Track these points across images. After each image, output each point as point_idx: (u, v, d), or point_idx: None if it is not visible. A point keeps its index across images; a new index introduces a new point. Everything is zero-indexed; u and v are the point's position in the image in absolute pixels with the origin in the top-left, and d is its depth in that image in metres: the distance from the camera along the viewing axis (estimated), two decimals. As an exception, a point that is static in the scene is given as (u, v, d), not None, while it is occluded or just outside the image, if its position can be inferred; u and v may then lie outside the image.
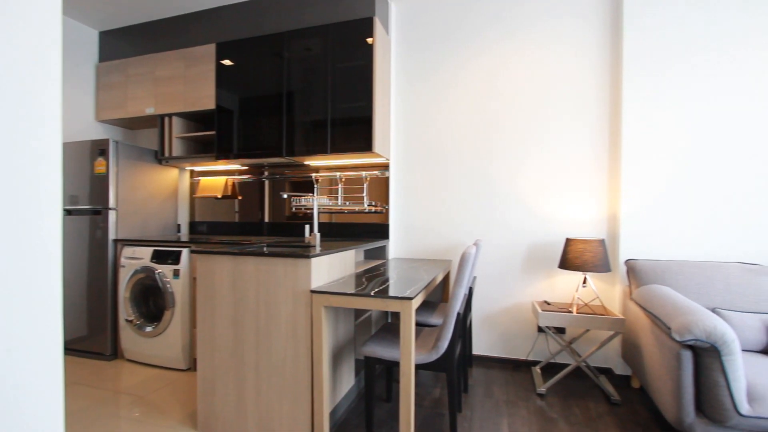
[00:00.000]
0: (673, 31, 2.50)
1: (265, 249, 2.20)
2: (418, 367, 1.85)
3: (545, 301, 2.73)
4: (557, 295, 2.79)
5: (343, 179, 3.12)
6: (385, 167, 3.03)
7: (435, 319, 2.43)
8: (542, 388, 2.44)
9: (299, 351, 1.84)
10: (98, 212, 2.96)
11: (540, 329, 2.80)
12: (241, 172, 3.46)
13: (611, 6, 2.67)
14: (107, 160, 2.93)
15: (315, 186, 3.20)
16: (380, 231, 3.03)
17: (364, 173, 3.06)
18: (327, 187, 3.17)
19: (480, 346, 2.96)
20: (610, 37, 2.68)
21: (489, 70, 2.91)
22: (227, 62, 3.01)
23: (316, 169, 3.20)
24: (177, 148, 3.28)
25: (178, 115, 3.26)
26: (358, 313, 2.43)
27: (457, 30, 2.98)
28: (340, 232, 3.13)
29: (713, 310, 2.13)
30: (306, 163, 3.15)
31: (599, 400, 2.36)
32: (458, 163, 2.98)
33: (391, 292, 1.72)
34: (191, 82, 3.15)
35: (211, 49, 3.08)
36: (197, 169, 3.60)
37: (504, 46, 2.88)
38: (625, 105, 2.57)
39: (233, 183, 3.48)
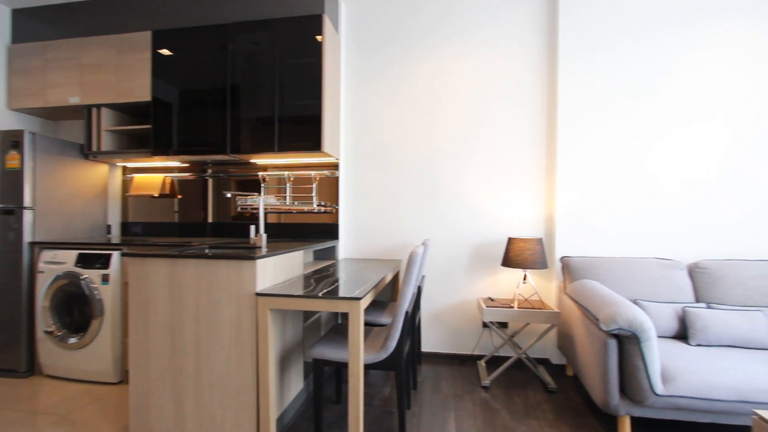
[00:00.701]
0: (604, 44, 2.72)
1: (206, 251, 2.08)
2: (368, 366, 1.85)
3: (489, 298, 2.86)
4: (500, 292, 2.93)
5: (292, 178, 3.05)
6: (335, 167, 3.00)
7: (385, 319, 2.44)
8: (486, 381, 2.55)
9: (244, 356, 1.77)
10: (10, 212, 2.64)
11: (485, 325, 2.93)
12: (181, 170, 3.26)
13: (548, 14, 2.85)
14: (21, 153, 2.62)
15: (262, 185, 3.09)
16: (330, 231, 3.00)
17: (313, 173, 3.01)
18: (275, 187, 3.08)
19: (429, 343, 3.03)
20: (547, 46, 2.86)
21: (434, 72, 2.99)
22: (165, 52, 2.82)
23: (264, 168, 3.10)
24: (107, 143, 3.01)
25: (108, 106, 3.00)
26: (307, 315, 2.38)
27: (405, 33, 3.03)
28: (288, 233, 3.05)
29: (634, 302, 2.35)
30: (252, 161, 3.04)
31: (538, 389, 2.51)
32: (407, 164, 3.03)
33: (340, 293, 1.71)
34: (124, 71, 2.91)
35: (146, 36, 2.87)
36: (131, 165, 3.33)
37: (448, 50, 2.97)
38: (559, 112, 2.75)
39: (172, 181, 3.27)
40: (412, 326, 2.37)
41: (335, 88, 2.88)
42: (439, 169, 2.99)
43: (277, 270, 1.96)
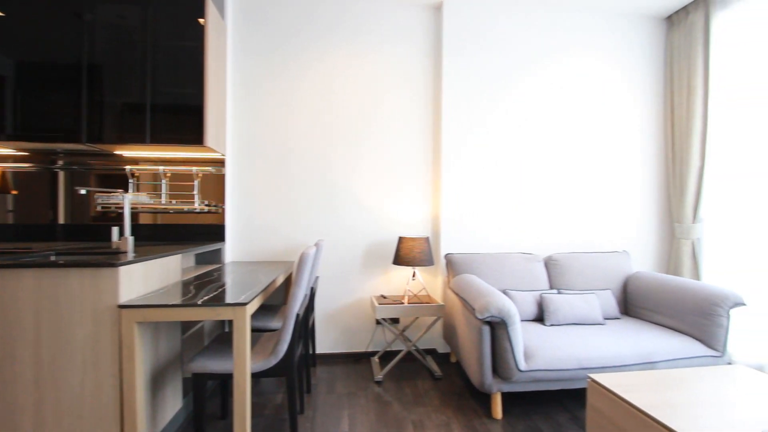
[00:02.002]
0: (480, 60, 3.03)
1: (52, 258, 1.73)
2: (257, 375, 1.75)
3: (382, 295, 2.96)
4: (392, 289, 3.05)
5: (169, 174, 2.72)
6: (221, 163, 2.77)
7: (275, 323, 2.35)
8: (379, 376, 2.63)
9: (103, 381, 1.51)
10: None
11: (378, 322, 3.02)
12: (17, 159, 2.65)
13: (434, 21, 3.07)
14: None
15: (130, 181, 2.69)
16: (215, 233, 2.76)
17: (195, 169, 2.74)
18: (149, 183, 2.71)
19: (324, 345, 3.01)
20: (434, 49, 3.08)
21: (329, 71, 2.98)
22: (-8, 12, 2.26)
23: (134, 162, 2.70)
24: None
25: None
26: (187, 325, 2.15)
27: (300, 30, 2.95)
28: (166, 235, 2.72)
29: (504, 291, 2.68)
30: (119, 153, 2.63)
31: (426, 378, 2.68)
32: (301, 163, 2.96)
33: (224, 299, 1.58)
34: (-74, 30, 2.25)
35: (-37, -11, 2.26)
36: (-61, 151, 2.59)
37: (344, 49, 2.99)
38: (444, 117, 2.99)
39: (3, 173, 2.64)
40: (305, 329, 2.32)
41: (220, 79, 2.66)
42: (335, 169, 2.99)
43: (148, 277, 1.73)
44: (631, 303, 2.77)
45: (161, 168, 2.71)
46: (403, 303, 2.68)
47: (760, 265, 2.57)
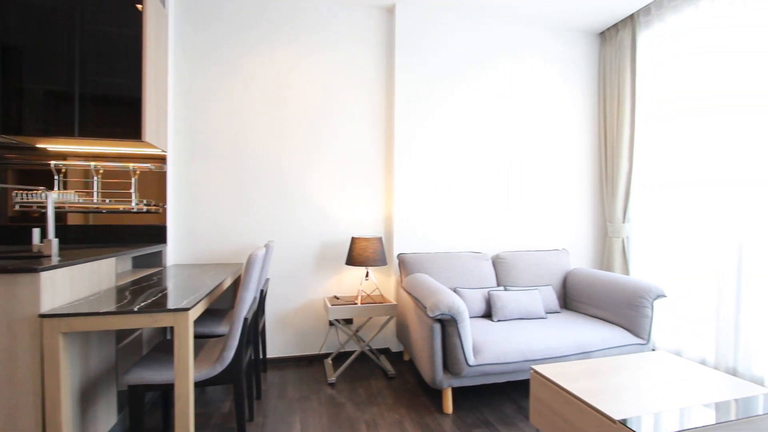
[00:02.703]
0: (430, 61, 3.10)
1: (-43, 264, 1.53)
2: (202, 383, 1.66)
3: (335, 296, 2.93)
4: (345, 289, 3.04)
5: (101, 171, 2.51)
6: (162, 160, 2.60)
7: (223, 328, 2.24)
8: (332, 378, 2.60)
9: (20, 401, 1.36)
10: None
11: (331, 323, 2.99)
12: None
13: (387, 23, 3.10)
14: None
15: (56, 177, 2.45)
16: (155, 234, 2.58)
17: (132, 165, 2.54)
18: (79, 180, 2.48)
19: (275, 348, 2.92)
20: (386, 48, 3.10)
21: (283, 68, 2.90)
22: None
23: (62, 156, 2.46)
24: None
25: None
26: (122, 334, 2.00)
27: (252, 24, 2.85)
28: (99, 237, 2.50)
29: (454, 290, 2.76)
30: (42, 146, 2.38)
31: (379, 377, 2.69)
32: (251, 162, 2.86)
33: (164, 304, 1.48)
34: None
35: None
36: None
37: (297, 46, 2.93)
38: (396, 119, 3.02)
39: None
40: (254, 333, 2.24)
41: (161, 70, 2.50)
42: (287, 168, 2.91)
43: (76, 283, 1.58)
44: (570, 297, 2.97)
45: (93, 164, 2.49)
46: (356, 303, 2.67)
47: (678, 261, 2.86)
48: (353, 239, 2.73)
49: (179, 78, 2.74)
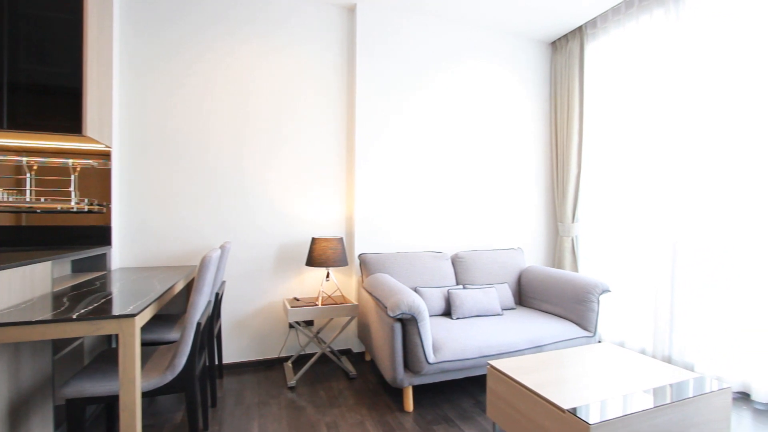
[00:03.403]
0: (391, 62, 3.12)
1: None
2: (151, 393, 1.57)
3: (295, 298, 2.87)
4: (306, 291, 2.98)
5: (35, 167, 2.30)
6: (106, 156, 2.43)
7: (174, 335, 2.13)
8: (293, 381, 2.55)
9: (-65, 421, 1.22)
10: None
11: (291, 325, 2.92)
12: None
13: (348, 22, 3.08)
14: None
15: (-18, 174, 2.22)
16: (98, 235, 2.41)
17: (71, 161, 2.35)
18: (12, 177, 2.26)
19: (232, 354, 2.81)
20: (347, 49, 3.09)
21: (242, 66, 2.81)
22: None
23: (-14, 150, 2.23)
24: None
25: None
26: (60, 344, 1.85)
27: (217, 23, 2.73)
28: (33, 239, 2.30)
29: (415, 289, 2.79)
30: (-37, 139, 2.15)
31: (341, 379, 2.67)
32: (208, 159, 2.74)
33: (106, 311, 1.38)
34: None
35: None
36: None
37: (258, 45, 2.84)
38: (357, 119, 3.01)
39: None
40: (209, 338, 2.15)
41: (105, 60, 2.34)
42: (246, 166, 2.82)
43: (4, 290, 1.44)
44: (525, 294, 3.09)
45: (24, 159, 2.28)
46: (317, 305, 2.64)
47: (622, 258, 3.07)
48: (314, 240, 2.69)
49: (127, 69, 2.57)
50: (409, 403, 2.23)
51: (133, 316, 1.36)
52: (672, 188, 2.68)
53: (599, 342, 2.65)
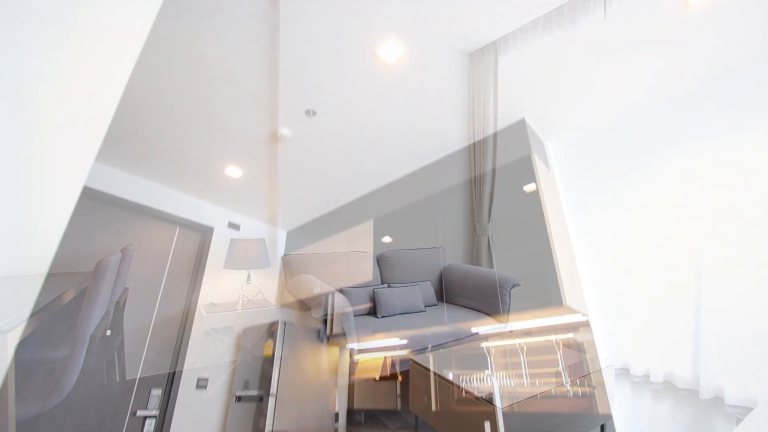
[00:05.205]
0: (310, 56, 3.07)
1: None
2: (32, 421, 1.35)
3: (212, 303, 2.69)
4: (224, 295, 2.80)
5: None
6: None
7: (64, 351, 1.86)
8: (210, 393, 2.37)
9: None
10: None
11: (207, 333, 2.72)
12: None
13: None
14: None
15: None
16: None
17: None
18: None
19: (137, 369, 2.53)
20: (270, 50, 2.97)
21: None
22: None
23: None
24: None
25: None
26: None
27: None
28: None
29: (341, 290, 2.78)
30: None
31: (262, 386, 2.56)
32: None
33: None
34: None
35: None
36: None
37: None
38: (280, 113, 2.91)
39: None
40: (108, 353, 1.91)
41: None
42: (152, 162, 2.56)
43: None
44: (446, 290, 3.25)
45: None
46: (236, 309, 2.50)
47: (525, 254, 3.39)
48: (232, 241, 2.54)
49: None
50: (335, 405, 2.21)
51: (4, 333, 1.16)
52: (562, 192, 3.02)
53: (510, 332, 2.89)
